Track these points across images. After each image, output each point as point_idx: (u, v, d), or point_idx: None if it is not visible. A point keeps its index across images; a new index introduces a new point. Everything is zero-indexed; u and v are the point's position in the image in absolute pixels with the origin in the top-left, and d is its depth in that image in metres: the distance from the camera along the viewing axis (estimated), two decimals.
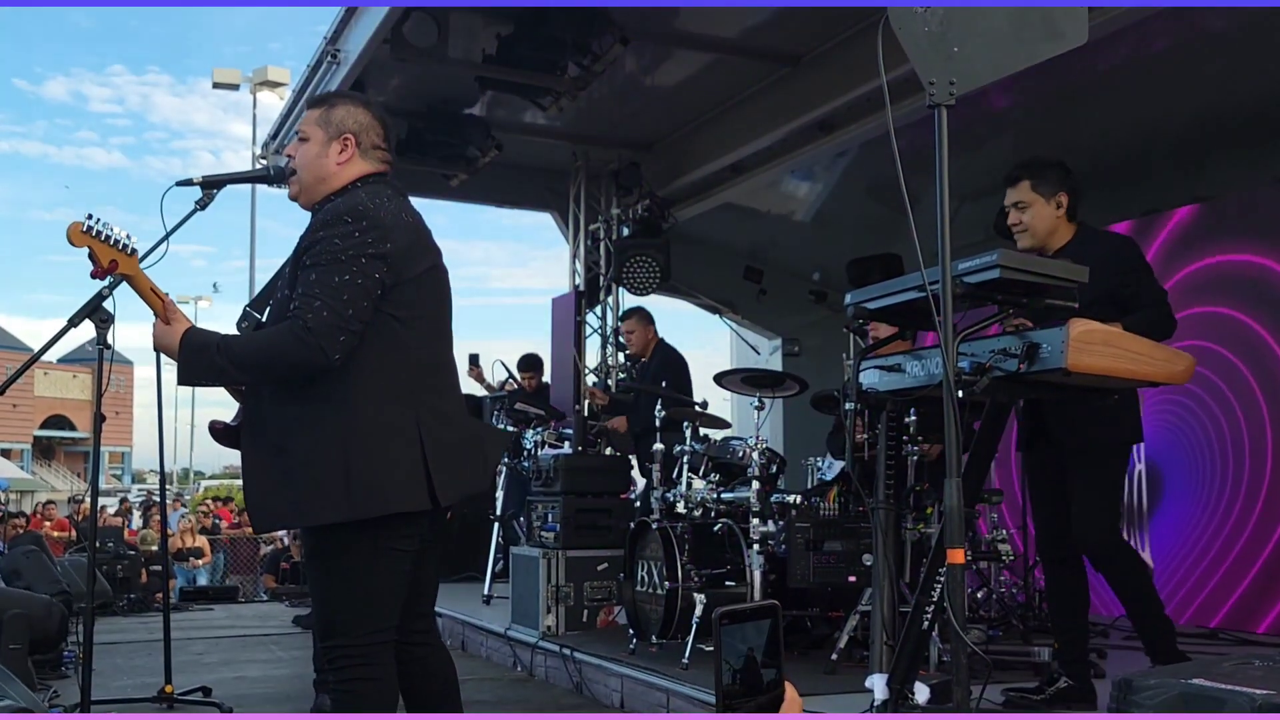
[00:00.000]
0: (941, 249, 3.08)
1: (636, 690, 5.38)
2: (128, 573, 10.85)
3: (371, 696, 2.98)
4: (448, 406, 3.13)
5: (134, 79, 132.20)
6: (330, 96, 3.29)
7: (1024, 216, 4.47)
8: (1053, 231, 4.46)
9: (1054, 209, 4.44)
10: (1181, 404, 7.03)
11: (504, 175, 10.18)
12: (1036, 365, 3.45)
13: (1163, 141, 7.43)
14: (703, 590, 5.49)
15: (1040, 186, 4.44)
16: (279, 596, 12.04)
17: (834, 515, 5.53)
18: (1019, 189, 4.49)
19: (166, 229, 3.18)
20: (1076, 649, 4.46)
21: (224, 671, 6.57)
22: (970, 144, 7.77)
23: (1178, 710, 2.60)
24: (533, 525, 7.05)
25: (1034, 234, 4.47)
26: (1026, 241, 4.50)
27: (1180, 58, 6.64)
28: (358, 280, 2.88)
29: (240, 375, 2.92)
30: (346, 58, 7.56)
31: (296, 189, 3.19)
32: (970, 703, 2.97)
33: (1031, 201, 4.45)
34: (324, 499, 2.89)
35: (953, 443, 3.04)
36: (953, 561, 3.01)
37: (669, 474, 6.36)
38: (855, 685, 4.31)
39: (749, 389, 5.91)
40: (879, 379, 4.09)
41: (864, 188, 9.45)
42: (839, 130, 7.96)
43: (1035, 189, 4.45)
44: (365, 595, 2.98)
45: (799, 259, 11.18)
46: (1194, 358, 3.85)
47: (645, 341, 8.31)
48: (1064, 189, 4.45)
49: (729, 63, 8.06)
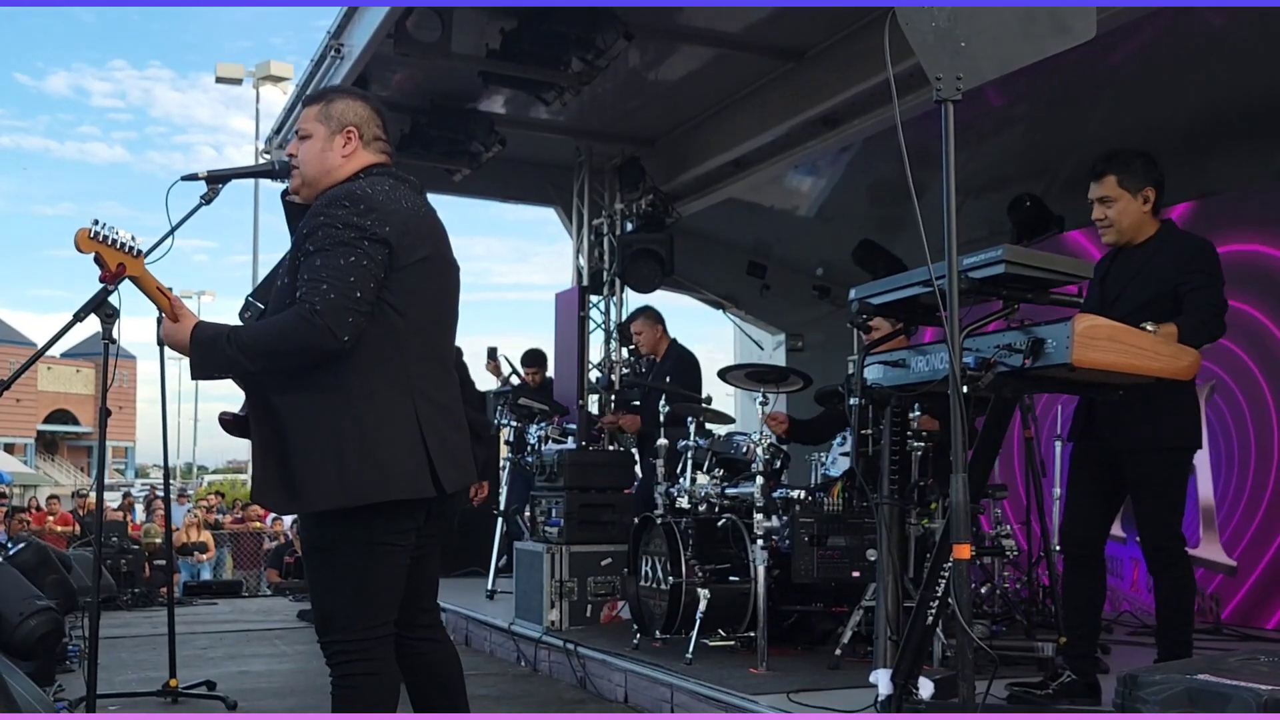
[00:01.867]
0: (948, 244, 3.07)
1: (640, 685, 5.38)
2: (131, 567, 10.87)
3: (370, 691, 2.98)
4: (443, 396, 3.13)
5: (135, 73, 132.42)
6: (327, 92, 3.28)
7: (1109, 212, 4.31)
8: (1139, 227, 4.31)
9: (1141, 204, 4.29)
10: None
11: (508, 170, 10.18)
12: (1041, 360, 3.44)
13: (1167, 137, 7.41)
14: (707, 585, 5.49)
15: (1127, 181, 4.28)
16: (283, 591, 12.04)
17: (838, 510, 5.53)
18: (1104, 184, 4.31)
19: (171, 224, 3.19)
20: (1086, 645, 4.43)
21: (228, 666, 6.57)
22: (972, 139, 7.77)
23: (1183, 707, 2.59)
24: (536, 520, 7.05)
25: (1120, 230, 4.32)
26: (1111, 237, 4.36)
27: (1184, 53, 6.64)
28: (362, 262, 2.88)
29: (251, 364, 2.91)
30: (350, 53, 7.55)
31: (299, 183, 3.19)
32: (975, 698, 2.97)
33: (1118, 197, 4.28)
34: (321, 485, 2.89)
35: (958, 439, 3.03)
36: (958, 557, 3.01)
37: (673, 469, 6.36)
38: (859, 680, 4.32)
39: (753, 384, 5.91)
40: (883, 374, 4.09)
41: (867, 183, 9.45)
42: (842, 125, 7.96)
43: (1122, 184, 4.28)
44: (362, 589, 2.98)
45: (802, 254, 11.19)
46: (1198, 353, 3.85)
47: (655, 341, 8.28)
48: (1150, 183, 4.29)
49: (732, 58, 8.06)
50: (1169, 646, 4.23)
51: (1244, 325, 6.69)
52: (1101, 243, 4.51)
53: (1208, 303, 4.18)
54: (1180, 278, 4.20)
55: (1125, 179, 4.29)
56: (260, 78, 31.69)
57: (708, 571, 5.57)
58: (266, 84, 31.48)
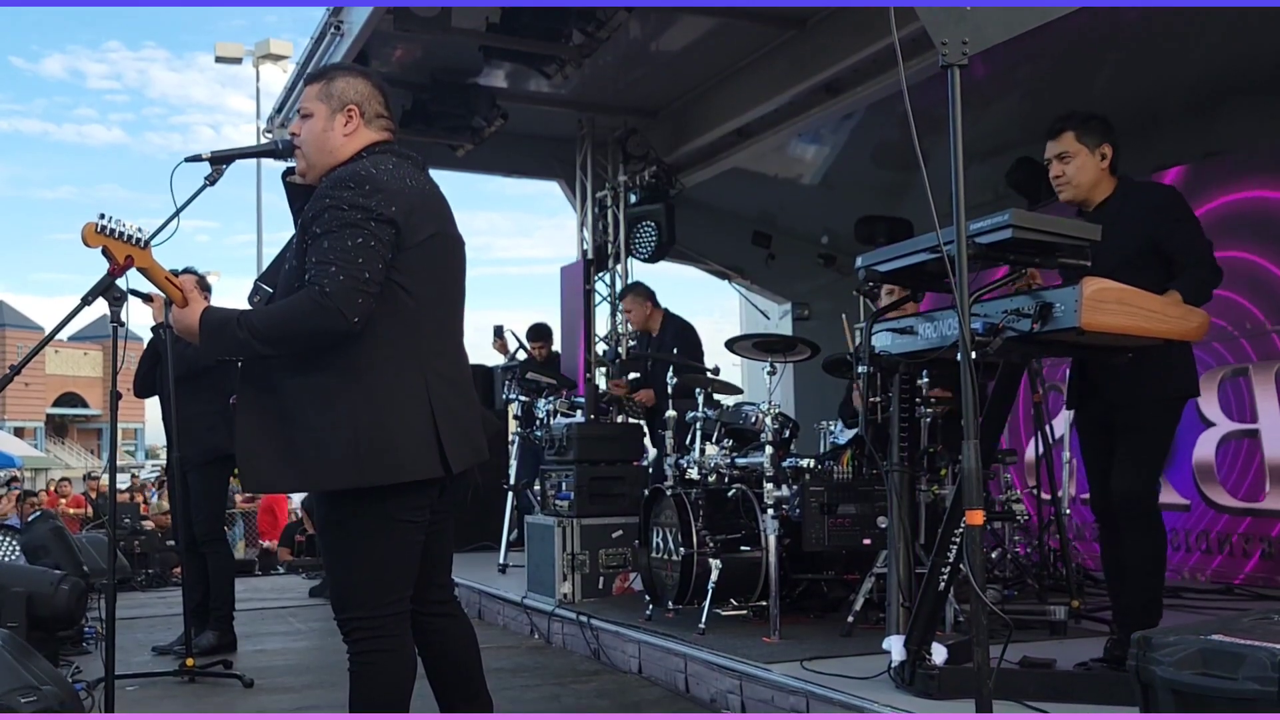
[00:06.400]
0: (956, 210, 3.06)
1: (653, 656, 5.41)
2: (144, 548, 10.92)
3: (388, 667, 2.99)
4: (456, 374, 3.13)
5: (131, 55, 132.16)
6: (328, 70, 3.27)
7: (1067, 168, 4.33)
8: (1096, 184, 4.33)
9: (1098, 160, 4.31)
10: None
11: (510, 144, 10.14)
12: (1050, 325, 3.45)
13: (1172, 98, 7.37)
14: (718, 556, 5.50)
15: (1085, 137, 4.30)
16: (296, 569, 12.09)
17: (848, 479, 5.53)
18: (1062, 140, 4.34)
19: (176, 205, 3.19)
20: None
21: (244, 645, 6.60)
22: (977, 103, 7.72)
23: (1197, 667, 2.60)
24: (547, 494, 7.06)
25: (1077, 186, 4.34)
26: (1069, 194, 4.37)
27: (1189, 13, 6.58)
28: (370, 243, 2.88)
29: (262, 347, 2.91)
30: (350, 29, 7.53)
31: (304, 165, 3.18)
32: (989, 662, 2.98)
33: (1075, 152, 4.31)
34: (334, 466, 2.90)
35: (969, 405, 3.03)
36: (971, 523, 3.01)
37: (682, 441, 6.36)
38: (872, 647, 4.34)
39: (760, 354, 5.90)
40: (891, 341, 4.09)
41: (871, 150, 9.41)
42: (845, 92, 7.92)
43: (1080, 139, 4.30)
44: (378, 566, 2.99)
45: (807, 223, 11.16)
46: (1206, 314, 3.85)
47: (644, 317, 8.28)
48: (1107, 140, 4.32)
49: (734, 26, 8.01)
50: (1130, 611, 4.14)
51: (1247, 272, 6.66)
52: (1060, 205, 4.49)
53: (1198, 258, 4.15)
54: (1158, 232, 4.18)
55: (1083, 135, 4.32)
56: (260, 56, 31.60)
57: (719, 542, 5.59)
58: (266, 63, 31.40)
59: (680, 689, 5.12)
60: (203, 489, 6.42)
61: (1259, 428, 6.67)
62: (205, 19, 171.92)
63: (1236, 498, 6.77)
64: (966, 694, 3.10)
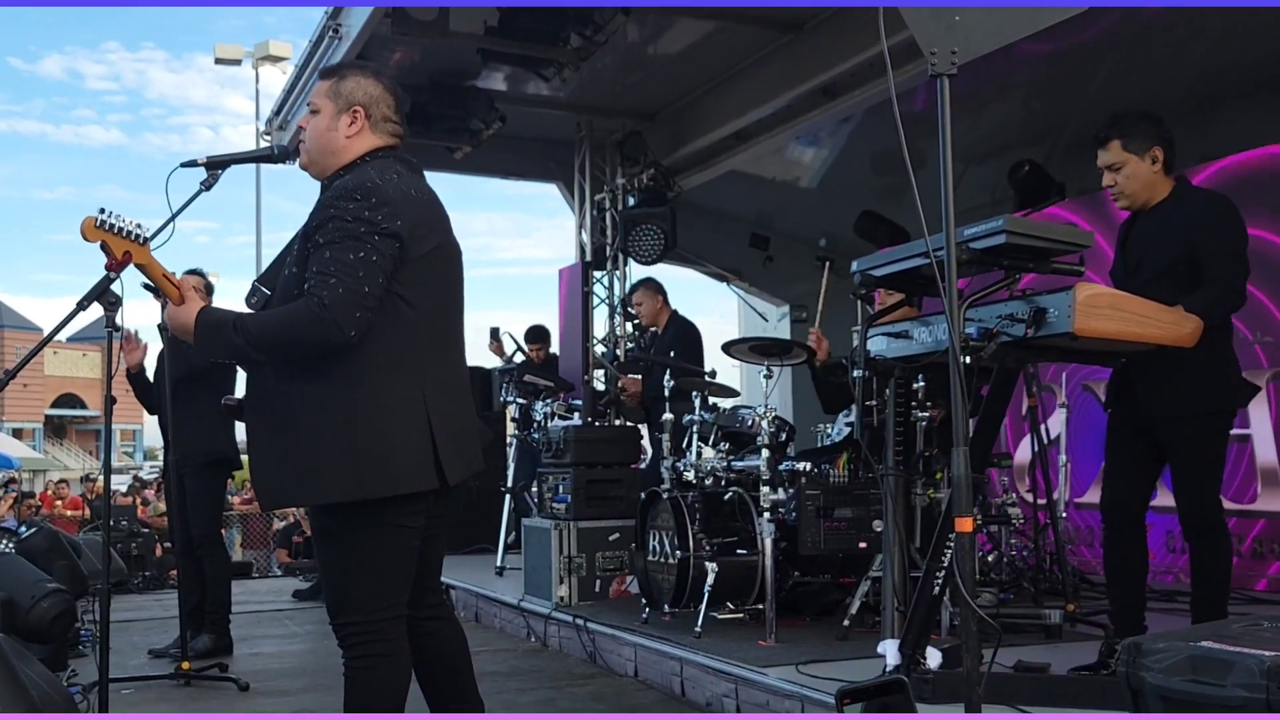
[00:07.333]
0: (946, 218, 3.06)
1: (650, 659, 5.41)
2: (141, 550, 10.92)
3: (384, 672, 3.00)
4: (454, 383, 3.14)
5: (129, 55, 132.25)
6: (342, 67, 3.25)
7: (1118, 178, 4.25)
8: (1150, 187, 4.23)
9: (1149, 165, 4.22)
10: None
11: (508, 147, 10.15)
12: (1044, 330, 3.45)
13: (1170, 100, 7.37)
14: (714, 559, 5.51)
15: (1131, 144, 4.22)
16: (293, 571, 12.10)
17: (844, 482, 5.54)
18: (1110, 150, 4.25)
19: (172, 209, 3.20)
20: (1135, 614, 4.33)
21: (240, 647, 6.60)
22: (974, 106, 7.74)
23: (1186, 673, 2.60)
24: (544, 497, 7.07)
25: (1131, 196, 4.26)
26: (1124, 203, 4.30)
27: (1186, 14, 6.58)
28: (372, 257, 2.87)
29: (256, 353, 2.92)
30: (348, 32, 7.53)
31: (306, 159, 3.18)
32: (980, 668, 2.99)
33: (1125, 161, 4.22)
34: (332, 477, 2.90)
35: (960, 410, 3.04)
36: (961, 530, 3.02)
37: (678, 444, 6.37)
38: (867, 651, 4.33)
39: (757, 357, 5.91)
40: (886, 345, 4.10)
41: (869, 153, 9.42)
42: (843, 96, 7.94)
43: (1127, 148, 4.22)
44: (374, 572, 2.99)
45: (805, 225, 11.16)
46: (1200, 320, 3.84)
47: (655, 312, 8.29)
48: (1157, 142, 4.21)
49: (731, 30, 8.02)
50: (1205, 615, 4.13)
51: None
52: (1102, 213, 4.48)
53: (1221, 276, 4.09)
54: (1198, 242, 4.12)
55: (1129, 142, 4.23)
56: (259, 58, 31.60)
57: (715, 545, 5.59)
58: (265, 64, 31.40)
59: (676, 692, 5.13)
60: (200, 491, 6.43)
61: (1250, 433, 6.69)
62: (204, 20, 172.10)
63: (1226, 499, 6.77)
64: (961, 698, 3.11)
